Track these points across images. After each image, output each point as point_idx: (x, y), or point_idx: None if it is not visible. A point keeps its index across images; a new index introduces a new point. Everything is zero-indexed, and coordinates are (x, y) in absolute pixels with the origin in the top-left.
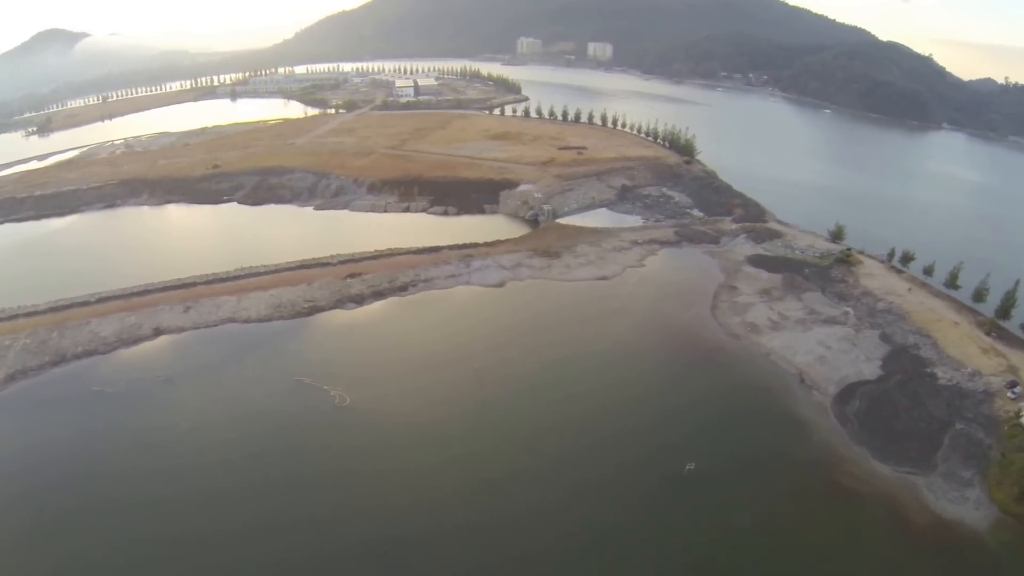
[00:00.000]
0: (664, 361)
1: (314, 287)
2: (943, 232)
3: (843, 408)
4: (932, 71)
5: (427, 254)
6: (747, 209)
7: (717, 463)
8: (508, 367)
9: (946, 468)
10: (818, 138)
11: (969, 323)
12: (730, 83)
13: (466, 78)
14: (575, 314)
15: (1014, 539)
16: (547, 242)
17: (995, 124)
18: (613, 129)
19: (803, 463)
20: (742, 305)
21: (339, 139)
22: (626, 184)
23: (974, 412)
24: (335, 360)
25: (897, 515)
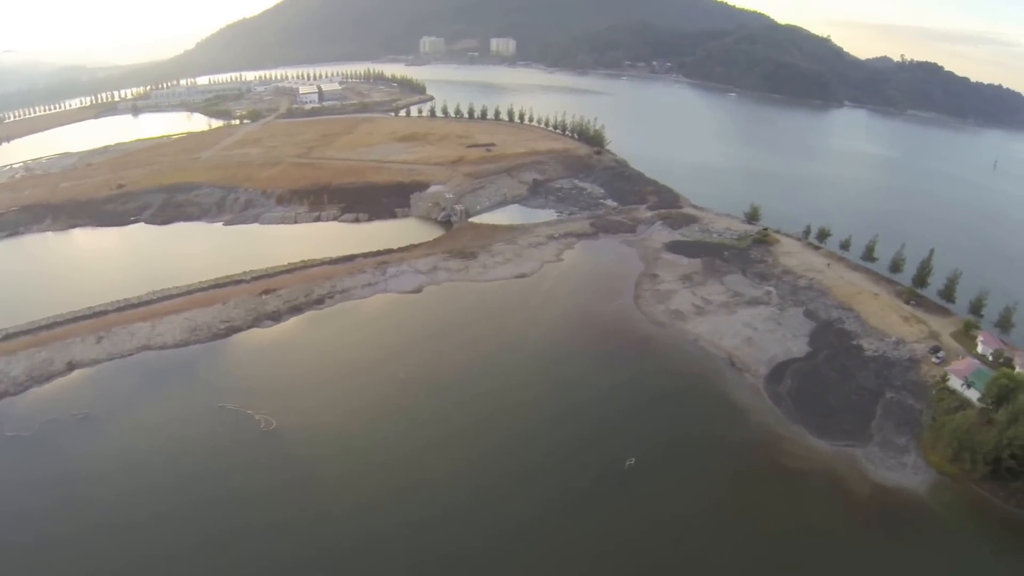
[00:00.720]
0: (592, 357)
1: (229, 306)
2: (855, 206)
3: (775, 388)
4: (831, 51)
5: (342, 264)
6: (661, 196)
7: (658, 454)
8: (434, 375)
9: (881, 437)
10: (725, 121)
11: (888, 293)
12: (635, 72)
13: (370, 81)
14: (497, 315)
15: (953, 498)
16: (462, 243)
17: (894, 99)
18: (521, 124)
19: (742, 446)
20: (665, 293)
21: (245, 150)
22: (537, 178)
23: (902, 380)
24: (257, 382)
25: (839, 488)
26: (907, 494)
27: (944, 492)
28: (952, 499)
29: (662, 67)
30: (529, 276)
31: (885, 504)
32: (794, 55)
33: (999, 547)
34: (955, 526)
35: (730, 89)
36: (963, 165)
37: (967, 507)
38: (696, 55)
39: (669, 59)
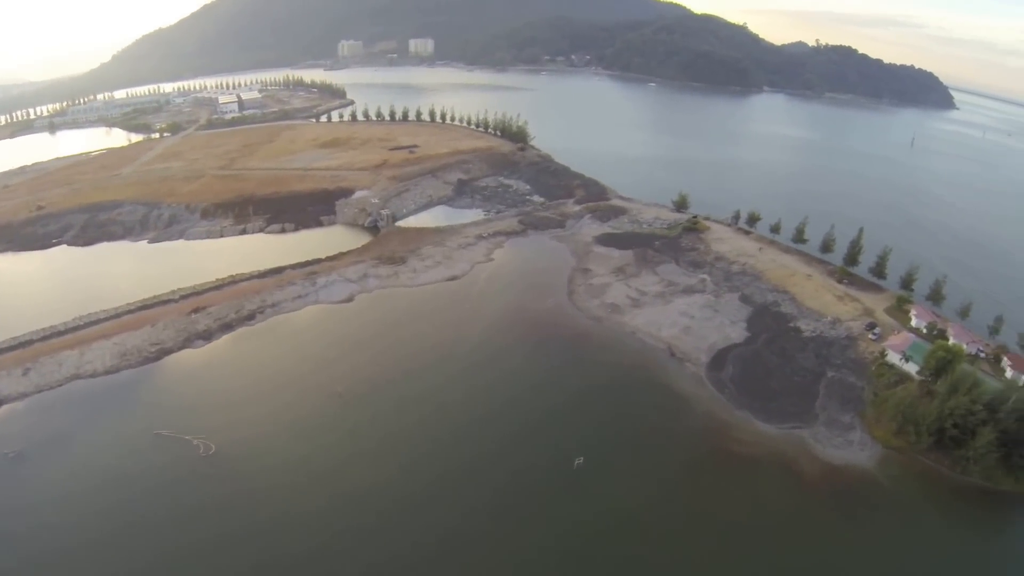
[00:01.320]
0: (530, 358)
1: (159, 328)
2: (781, 189)
3: (718, 375)
4: (748, 39)
5: (271, 276)
6: (588, 189)
7: (606, 451)
8: (371, 386)
9: (826, 417)
10: (646, 111)
11: (821, 274)
12: (554, 66)
13: (290, 87)
14: (431, 320)
15: (901, 471)
16: (391, 248)
17: (811, 83)
18: (443, 124)
19: (690, 436)
20: (598, 287)
21: (167, 164)
22: (462, 178)
23: (841, 358)
24: (193, 405)
25: (790, 470)
26: (856, 470)
27: (892, 465)
28: (900, 472)
29: (581, 60)
30: (460, 278)
31: (836, 482)
32: (712, 43)
33: (948, 514)
34: (905, 498)
35: (650, 79)
36: (882, 144)
37: (915, 478)
38: (615, 47)
39: (588, 52)
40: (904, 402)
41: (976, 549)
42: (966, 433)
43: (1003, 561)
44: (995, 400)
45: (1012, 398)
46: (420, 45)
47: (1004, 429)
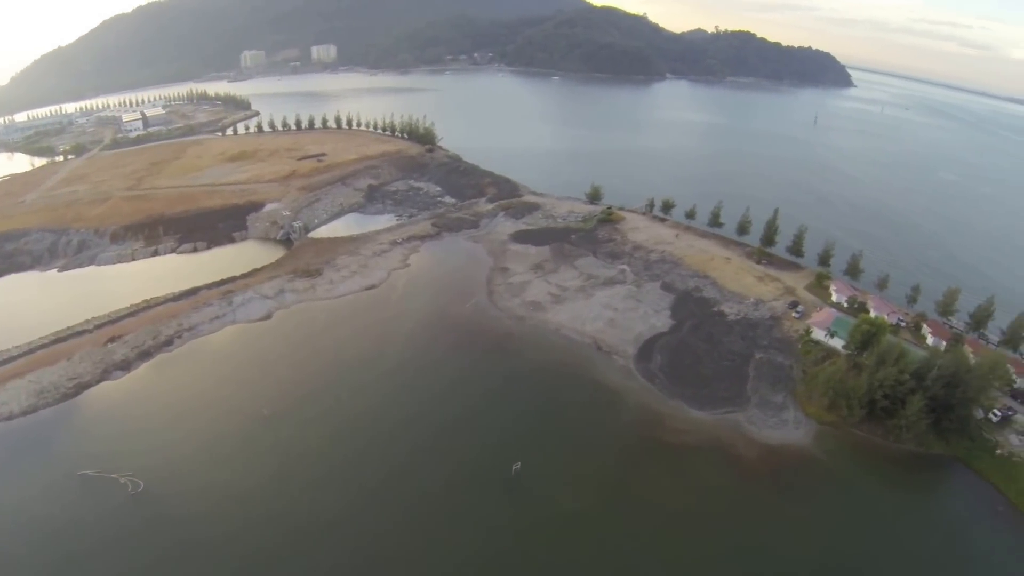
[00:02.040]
0: (456, 362)
1: (75, 361)
2: (693, 174)
3: (647, 366)
4: (648, 28)
5: (186, 298)
6: (499, 187)
7: (542, 453)
8: (297, 405)
9: (758, 398)
10: (552, 105)
11: (740, 256)
12: (457, 65)
13: (194, 101)
14: (352, 332)
15: (836, 445)
16: (305, 261)
17: (713, 68)
18: (349, 130)
19: (625, 430)
20: (518, 285)
21: (72, 188)
22: (372, 184)
23: (768, 339)
24: (116, 441)
25: (728, 456)
26: (793, 449)
27: (827, 440)
28: (835, 446)
29: (484, 58)
30: (378, 286)
31: (775, 463)
32: (613, 35)
33: (886, 482)
34: (843, 471)
35: (553, 73)
36: (787, 124)
37: (850, 451)
38: (517, 43)
39: (490, 50)
40: (834, 377)
41: (914, 511)
42: (896, 403)
43: (940, 519)
44: (921, 368)
45: (937, 365)
46: (322, 51)
47: (932, 396)
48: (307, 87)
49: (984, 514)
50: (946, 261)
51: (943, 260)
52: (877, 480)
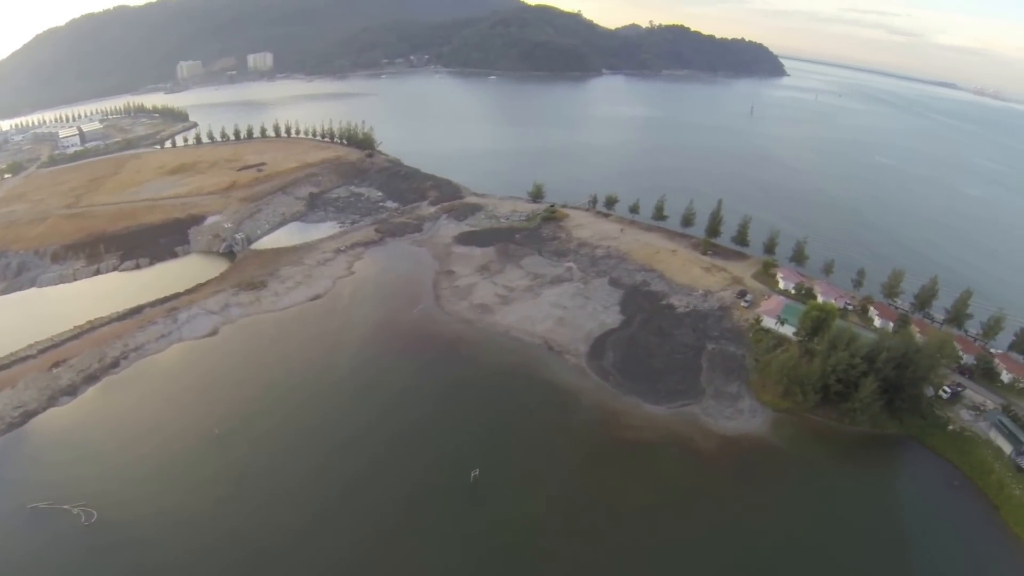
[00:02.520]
0: (407, 371)
1: (20, 389)
2: (634, 168)
3: (599, 363)
4: (583, 25)
5: (130, 318)
6: (441, 189)
7: (500, 458)
8: (249, 422)
9: (713, 389)
10: (490, 105)
11: (685, 248)
12: (394, 69)
13: (132, 115)
14: (300, 344)
15: (793, 431)
16: (249, 273)
17: (648, 63)
18: (288, 138)
19: (582, 430)
20: (465, 288)
21: (9, 208)
22: (313, 191)
23: (718, 329)
24: (67, 470)
25: (687, 449)
26: (751, 438)
27: (784, 427)
28: (792, 432)
29: (420, 60)
30: (324, 296)
31: (734, 453)
32: (548, 33)
33: (843, 464)
34: (801, 455)
35: (490, 73)
36: (724, 115)
37: (807, 436)
38: (453, 44)
39: (427, 52)
40: (787, 365)
41: (873, 491)
42: (849, 386)
43: (898, 497)
44: (872, 351)
45: (887, 347)
46: (259, 60)
47: (884, 377)
48: (245, 96)
49: (940, 489)
50: (888, 244)
51: (885, 243)
52: (835, 463)
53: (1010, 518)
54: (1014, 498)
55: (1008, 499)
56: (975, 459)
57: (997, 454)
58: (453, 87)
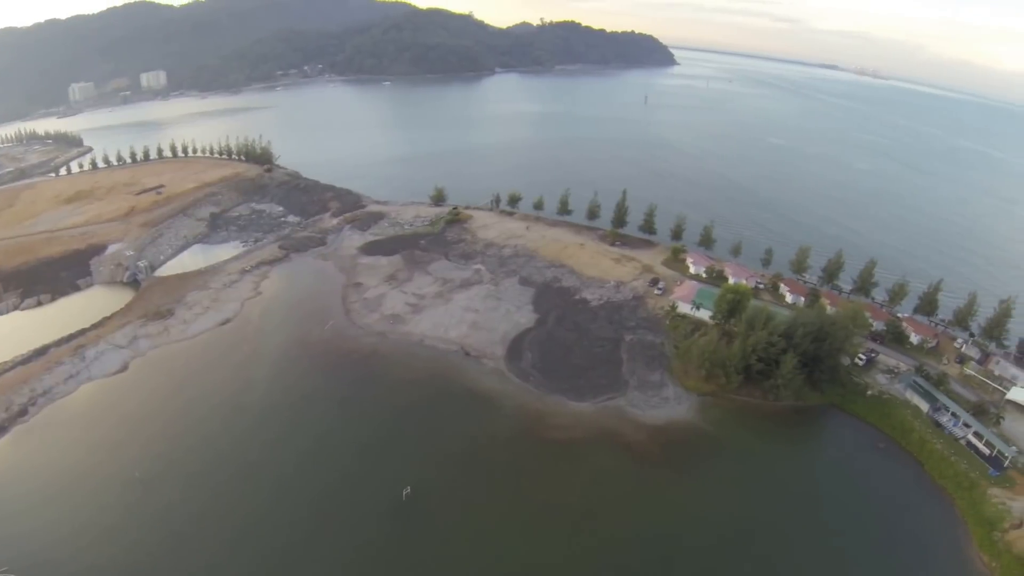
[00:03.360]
0: (325, 390)
1: None
2: (533, 164)
3: (519, 365)
4: (475, 26)
5: (36, 360)
6: (342, 200)
7: (430, 472)
8: (169, 461)
9: (636, 380)
10: (385, 111)
11: (593, 240)
12: (288, 80)
13: (24, 142)
14: (214, 372)
15: (720, 414)
16: (155, 302)
17: (541, 59)
18: (186, 157)
19: (508, 435)
20: (374, 299)
21: None
22: (214, 211)
23: (634, 319)
24: None
25: (618, 442)
26: (680, 425)
27: (710, 410)
28: (719, 414)
29: (314, 70)
30: (233, 319)
31: (664, 441)
32: (441, 35)
33: (771, 439)
34: (729, 436)
35: (384, 78)
36: (618, 106)
37: (734, 416)
38: (346, 52)
39: (320, 61)
40: (707, 349)
41: (803, 461)
42: (771, 364)
43: (827, 463)
44: (790, 328)
45: (803, 322)
46: (152, 78)
47: (803, 352)
48: (140, 117)
49: (867, 452)
50: (789, 221)
51: (787, 221)
52: (763, 439)
53: (934, 471)
54: (936, 453)
55: (930, 454)
56: (896, 420)
57: (916, 413)
58: (348, 95)
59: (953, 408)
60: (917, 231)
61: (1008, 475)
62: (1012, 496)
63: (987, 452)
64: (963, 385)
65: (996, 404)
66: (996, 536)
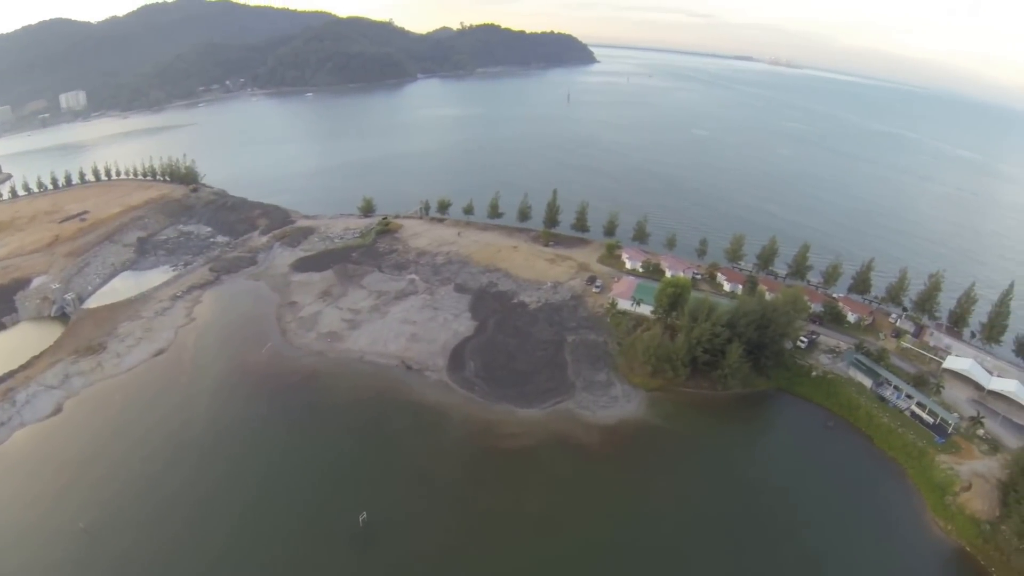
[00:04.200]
0: (266, 416)
1: None
2: (460, 168)
3: (462, 375)
4: (395, 33)
5: None
6: (270, 216)
7: (384, 494)
8: (114, 508)
9: (583, 381)
10: (309, 122)
11: (526, 242)
12: (210, 95)
13: None
14: (151, 408)
15: (670, 408)
16: (86, 336)
17: (462, 63)
18: (110, 181)
19: (457, 449)
20: (310, 318)
21: None
22: (141, 236)
23: (575, 320)
24: None
25: (570, 446)
26: (631, 423)
27: (660, 405)
28: (670, 409)
29: (236, 85)
30: (168, 349)
31: (617, 441)
32: (362, 43)
33: (723, 427)
34: (681, 429)
35: (307, 90)
36: (542, 105)
37: (684, 409)
38: (268, 65)
39: (242, 75)
40: (652, 344)
41: (755, 446)
42: (716, 354)
43: (779, 445)
44: (733, 317)
45: (745, 311)
46: (72, 99)
47: (747, 340)
48: (60, 139)
49: (817, 431)
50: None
51: (717, 211)
52: (716, 429)
53: (883, 444)
54: (883, 426)
55: (878, 428)
56: (842, 398)
57: (860, 389)
58: (271, 108)
59: (895, 382)
60: (843, 212)
61: (953, 441)
62: (959, 461)
63: (931, 421)
64: (902, 358)
65: (934, 374)
66: (948, 500)
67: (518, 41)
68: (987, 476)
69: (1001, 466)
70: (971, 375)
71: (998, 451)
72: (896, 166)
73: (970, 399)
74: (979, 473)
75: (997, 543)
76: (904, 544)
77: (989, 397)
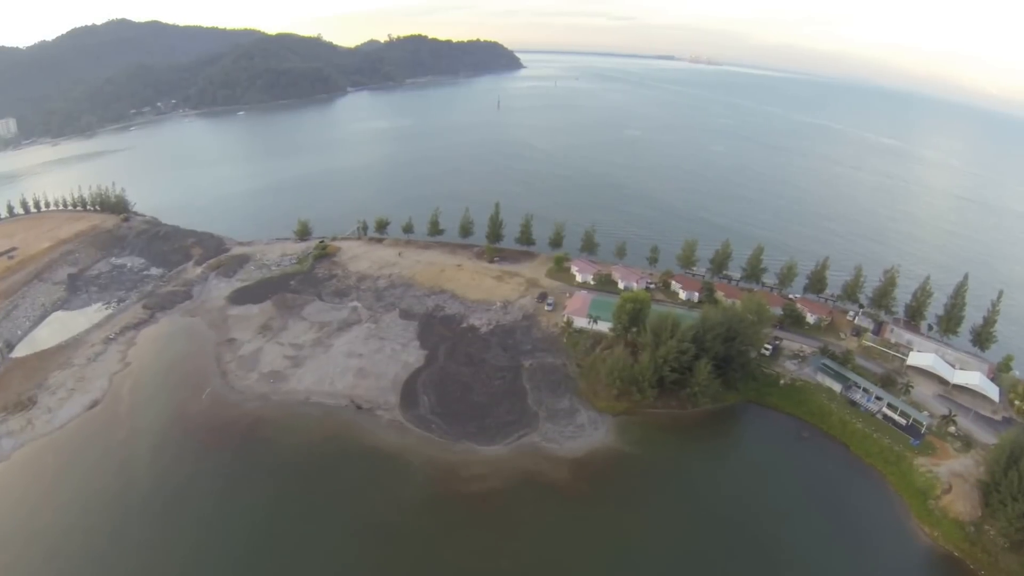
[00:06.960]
0: (212, 470)
1: None
2: (395, 184)
3: (417, 412)
4: (324, 48)
5: None
6: (204, 245)
7: (343, 555)
8: None
9: (545, 410)
10: (240, 141)
11: (470, 259)
12: (142, 118)
13: None
14: (88, 470)
15: (640, 432)
16: (15, 390)
17: (391, 75)
18: (38, 213)
19: (420, 496)
20: (250, 356)
21: None
22: (72, 272)
23: (530, 342)
24: None
25: (540, 484)
26: (601, 452)
27: (629, 430)
28: (639, 433)
29: (168, 106)
30: (103, 400)
31: (588, 475)
32: (292, 60)
33: (695, 446)
34: (653, 453)
35: (238, 108)
36: (471, 112)
37: (655, 431)
38: (199, 84)
39: (173, 96)
40: (616, 366)
41: (730, 461)
42: (684, 372)
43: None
44: (698, 332)
45: (711, 325)
46: (2, 126)
47: (715, 354)
48: None
49: (792, 442)
50: (664, 214)
51: (662, 213)
52: (691, 450)
53: (860, 451)
54: (858, 432)
55: (853, 434)
56: (813, 406)
57: (830, 395)
58: (203, 129)
59: (864, 384)
60: (787, 207)
61: (928, 442)
62: (937, 462)
63: (903, 422)
64: (865, 358)
65: (900, 372)
66: (931, 504)
67: (445, 50)
68: (965, 476)
69: (977, 464)
70: (935, 370)
71: (970, 447)
72: (828, 157)
73: (936, 395)
74: (957, 473)
75: (984, 545)
76: (892, 555)
77: (954, 391)
